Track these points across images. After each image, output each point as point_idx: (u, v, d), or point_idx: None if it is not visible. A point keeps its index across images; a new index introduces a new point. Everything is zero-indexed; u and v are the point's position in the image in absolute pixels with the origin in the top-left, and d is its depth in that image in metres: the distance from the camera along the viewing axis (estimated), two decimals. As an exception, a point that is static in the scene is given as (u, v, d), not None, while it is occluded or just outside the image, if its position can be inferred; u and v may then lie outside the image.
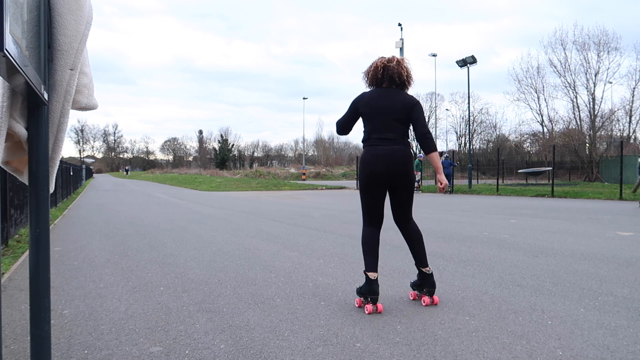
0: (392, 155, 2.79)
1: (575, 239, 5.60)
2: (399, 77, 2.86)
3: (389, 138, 2.80)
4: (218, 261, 4.28)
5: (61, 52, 1.39)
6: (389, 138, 2.80)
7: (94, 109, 1.64)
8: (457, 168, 23.48)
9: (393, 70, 2.85)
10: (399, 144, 2.82)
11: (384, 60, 2.90)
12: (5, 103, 1.26)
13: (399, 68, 2.87)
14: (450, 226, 6.96)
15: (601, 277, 3.57)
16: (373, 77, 2.91)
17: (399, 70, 2.86)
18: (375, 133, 2.83)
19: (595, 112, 32.44)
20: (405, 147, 2.85)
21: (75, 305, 2.87)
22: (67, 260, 4.37)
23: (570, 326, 2.45)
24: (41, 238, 1.38)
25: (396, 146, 2.80)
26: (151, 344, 2.22)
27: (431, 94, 55.05)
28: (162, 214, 9.24)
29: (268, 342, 2.24)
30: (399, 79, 2.86)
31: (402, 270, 3.85)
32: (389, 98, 2.84)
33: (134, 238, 5.81)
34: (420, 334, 2.36)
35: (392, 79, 2.86)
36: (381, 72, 2.86)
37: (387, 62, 2.89)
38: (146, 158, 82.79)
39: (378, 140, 2.82)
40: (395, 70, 2.85)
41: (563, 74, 33.40)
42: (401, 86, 2.92)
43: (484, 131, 53.65)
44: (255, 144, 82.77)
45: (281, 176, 39.69)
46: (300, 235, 5.99)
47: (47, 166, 1.39)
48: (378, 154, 2.80)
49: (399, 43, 20.20)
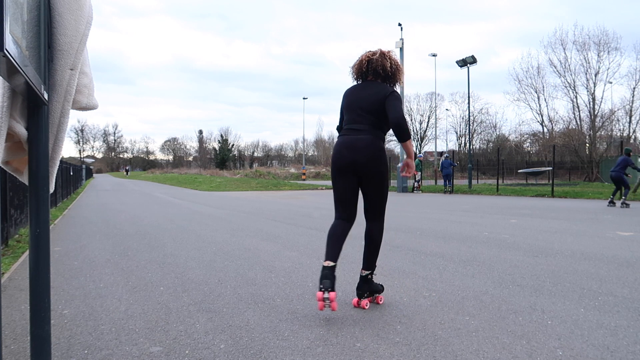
0: (357, 144, 2.71)
1: (575, 239, 5.60)
2: (382, 69, 2.80)
3: (357, 129, 2.75)
4: (218, 261, 4.27)
5: (61, 52, 1.39)
6: (357, 129, 2.75)
7: (94, 109, 1.64)
8: (457, 168, 23.48)
9: (377, 62, 2.80)
10: (367, 134, 2.72)
11: (369, 53, 2.87)
12: (6, 103, 1.26)
13: (383, 60, 2.81)
14: (450, 226, 6.96)
15: (601, 277, 3.57)
16: (358, 70, 2.88)
17: (383, 62, 2.80)
18: (347, 124, 2.81)
19: (595, 112, 32.45)
20: (374, 138, 2.73)
21: (75, 305, 2.87)
22: (67, 260, 4.37)
23: (570, 326, 2.45)
24: (41, 238, 1.38)
25: (363, 136, 2.72)
26: (151, 344, 2.22)
27: (431, 94, 55.20)
28: (162, 214, 9.24)
29: (268, 342, 2.24)
30: (383, 71, 2.81)
31: (402, 270, 3.85)
32: (365, 90, 2.80)
33: (134, 238, 5.81)
34: (420, 334, 2.36)
35: (376, 71, 2.81)
36: (365, 65, 2.83)
37: (371, 55, 2.85)
38: (146, 158, 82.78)
39: (348, 131, 2.79)
40: (379, 62, 2.80)
41: (563, 74, 33.42)
42: (387, 78, 2.85)
43: (484, 131, 53.69)
44: (255, 144, 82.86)
45: (281, 176, 39.67)
46: (300, 235, 5.99)
47: (47, 166, 1.39)
48: (344, 143, 2.76)
49: (399, 43, 20.20)
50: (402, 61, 20.22)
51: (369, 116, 2.75)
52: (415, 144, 57.73)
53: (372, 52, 2.88)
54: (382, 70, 2.81)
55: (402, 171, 2.97)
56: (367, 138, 2.72)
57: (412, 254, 4.57)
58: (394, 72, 2.84)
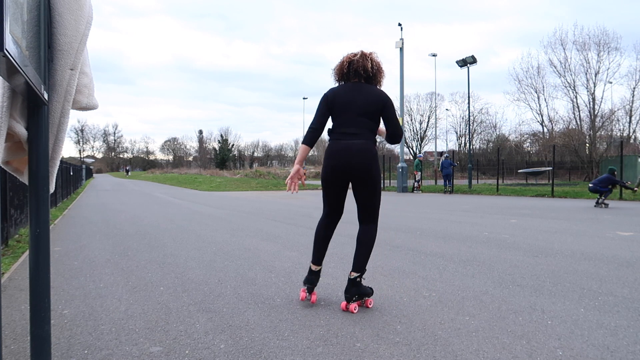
0: (351, 149, 2.72)
1: (575, 239, 5.60)
2: (364, 69, 2.81)
3: (351, 133, 2.74)
4: (218, 261, 4.28)
5: (61, 52, 1.39)
6: (351, 133, 2.74)
7: (94, 109, 1.64)
8: (457, 168, 23.48)
9: (358, 63, 2.81)
10: (361, 139, 2.73)
11: (350, 55, 2.88)
12: (5, 103, 1.26)
13: (364, 60, 2.82)
14: (450, 226, 6.96)
15: (601, 277, 3.57)
16: (339, 72, 2.88)
17: (364, 63, 2.81)
18: (340, 127, 2.79)
19: (595, 112, 32.45)
20: (368, 142, 2.74)
21: (75, 305, 2.87)
22: (67, 260, 4.37)
23: (570, 326, 2.45)
24: (41, 238, 1.38)
25: (357, 140, 2.72)
26: (151, 344, 2.22)
27: (431, 94, 55.24)
28: (162, 214, 9.24)
29: (268, 342, 2.24)
30: (364, 72, 2.81)
31: (402, 270, 3.85)
32: (356, 92, 2.80)
33: (134, 238, 5.81)
34: (420, 334, 2.36)
35: (357, 72, 2.82)
36: (346, 67, 2.84)
37: (352, 56, 2.86)
38: (146, 158, 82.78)
39: (341, 135, 2.77)
40: (360, 64, 2.81)
41: (563, 74, 33.43)
42: (368, 79, 2.86)
43: (484, 131, 53.69)
44: (255, 144, 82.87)
45: (281, 176, 39.66)
46: (300, 235, 5.99)
47: (47, 166, 1.39)
48: (338, 148, 2.76)
49: (398, 43, 20.18)
50: (402, 61, 20.22)
51: (363, 120, 2.75)
52: (416, 144, 57.76)
53: (353, 53, 2.89)
54: (364, 71, 2.81)
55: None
56: (361, 143, 2.72)
57: (412, 254, 4.57)
58: (375, 73, 2.86)
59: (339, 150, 2.76)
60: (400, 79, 20.39)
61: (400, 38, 20.16)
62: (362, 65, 2.80)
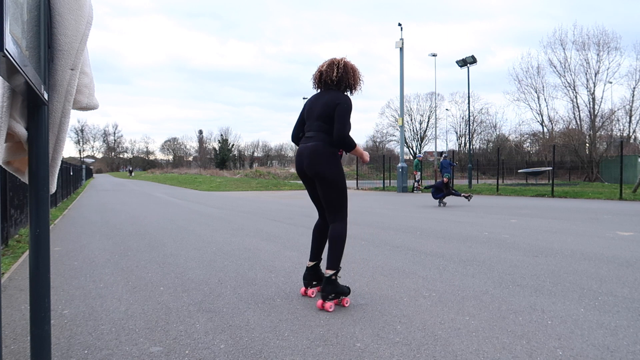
0: (303, 152, 2.90)
1: (575, 239, 5.60)
2: (330, 79, 2.93)
3: (310, 136, 2.91)
4: (218, 261, 4.28)
5: (61, 52, 1.39)
6: (310, 136, 2.91)
7: (94, 109, 1.64)
8: (457, 168, 23.47)
9: (327, 73, 2.95)
10: (313, 141, 2.87)
11: (323, 63, 3.01)
12: (5, 103, 1.26)
13: (329, 69, 2.94)
14: (450, 226, 6.96)
15: (601, 277, 3.57)
16: (315, 80, 3.02)
17: (328, 72, 2.93)
18: (305, 133, 2.99)
19: (595, 112, 32.48)
20: (319, 143, 2.83)
21: (75, 305, 2.87)
22: (67, 260, 4.37)
23: (570, 326, 2.45)
24: (41, 238, 1.38)
25: (309, 143, 2.88)
26: (151, 344, 2.22)
27: (431, 94, 55.20)
28: (162, 214, 9.24)
29: (268, 342, 2.24)
30: (330, 80, 2.94)
31: (402, 270, 3.85)
32: (319, 99, 2.94)
33: (134, 238, 5.81)
34: (420, 334, 2.36)
35: (326, 81, 2.96)
36: (318, 76, 2.99)
37: (322, 66, 3.00)
38: (146, 158, 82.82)
39: (303, 139, 2.97)
40: (327, 73, 2.94)
41: (563, 74, 33.48)
42: (339, 85, 2.95)
43: (484, 131, 53.75)
44: (255, 144, 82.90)
45: (281, 176, 39.68)
46: (300, 235, 5.99)
47: (47, 166, 1.39)
48: (298, 151, 2.98)
49: (398, 43, 20.17)
50: (402, 61, 20.21)
51: (318, 123, 2.88)
52: (415, 144, 57.78)
53: (326, 62, 3.00)
54: (330, 79, 2.94)
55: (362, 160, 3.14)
56: (313, 145, 2.86)
57: (412, 254, 4.57)
58: (340, 77, 2.93)
59: (296, 155, 3.00)
60: (400, 79, 20.37)
61: (400, 38, 20.15)
62: (326, 73, 2.95)
